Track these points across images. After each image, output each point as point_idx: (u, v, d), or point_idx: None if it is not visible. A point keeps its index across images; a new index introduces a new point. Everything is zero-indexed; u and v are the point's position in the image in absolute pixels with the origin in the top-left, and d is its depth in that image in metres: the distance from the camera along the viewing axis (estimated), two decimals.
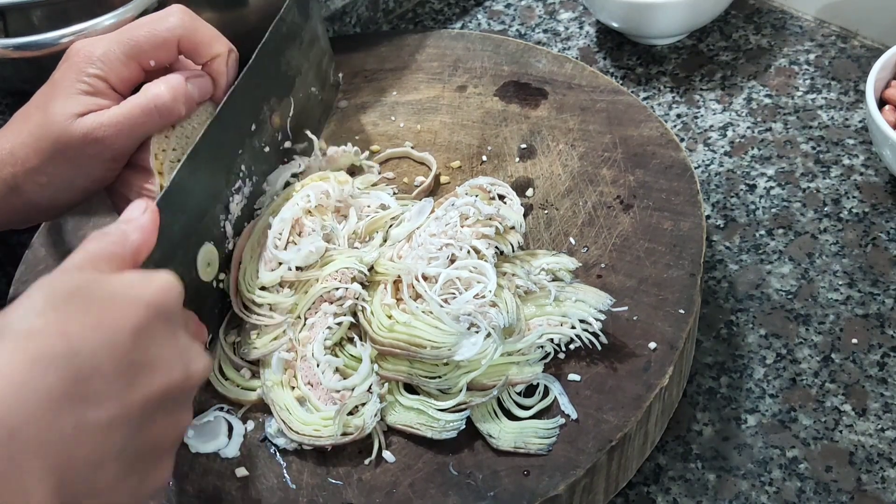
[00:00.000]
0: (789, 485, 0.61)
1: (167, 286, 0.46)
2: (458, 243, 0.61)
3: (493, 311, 0.57)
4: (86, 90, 0.57)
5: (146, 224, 0.50)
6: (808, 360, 0.67)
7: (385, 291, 0.61)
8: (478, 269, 0.60)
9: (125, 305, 0.43)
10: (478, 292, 0.58)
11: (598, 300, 0.60)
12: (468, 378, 0.57)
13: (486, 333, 0.56)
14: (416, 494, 0.55)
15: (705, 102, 0.87)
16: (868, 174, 0.78)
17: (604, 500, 0.59)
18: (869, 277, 0.71)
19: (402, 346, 0.57)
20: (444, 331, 0.57)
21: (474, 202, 0.64)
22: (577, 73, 0.79)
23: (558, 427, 0.56)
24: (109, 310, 0.42)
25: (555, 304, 0.60)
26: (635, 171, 0.70)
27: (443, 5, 1.05)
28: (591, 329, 0.59)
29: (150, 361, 0.43)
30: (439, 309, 0.57)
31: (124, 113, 0.57)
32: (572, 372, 0.59)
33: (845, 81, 0.87)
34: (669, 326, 0.60)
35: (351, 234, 0.65)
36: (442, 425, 0.56)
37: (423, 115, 0.78)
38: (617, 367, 0.58)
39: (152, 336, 0.43)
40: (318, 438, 0.56)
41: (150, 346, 0.43)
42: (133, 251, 0.48)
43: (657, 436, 0.62)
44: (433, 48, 0.85)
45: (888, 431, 0.62)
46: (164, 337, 0.44)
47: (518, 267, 0.62)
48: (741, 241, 0.75)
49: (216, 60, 0.62)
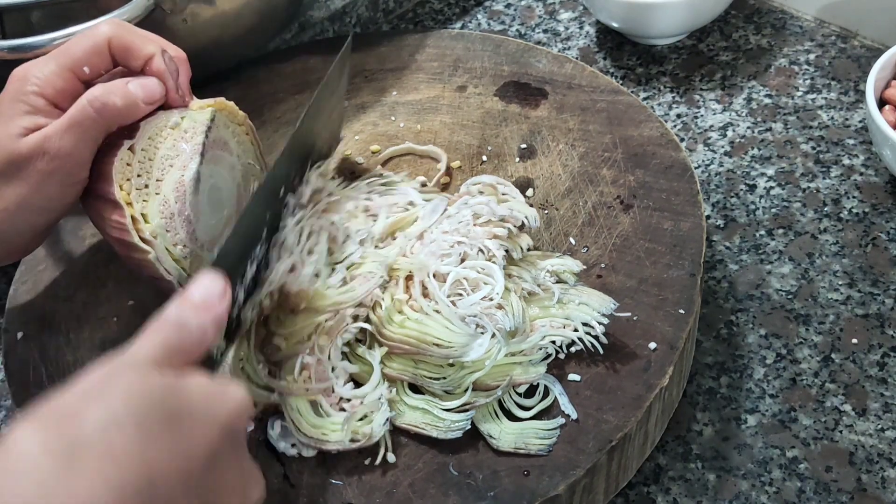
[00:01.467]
0: (789, 485, 0.61)
1: (241, 406, 0.43)
2: (471, 241, 0.61)
3: (500, 314, 0.57)
4: (26, 110, 0.57)
5: (221, 315, 0.45)
6: (808, 360, 0.67)
7: (396, 287, 0.61)
8: (485, 271, 0.60)
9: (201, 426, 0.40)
10: (485, 294, 0.58)
11: (602, 304, 0.60)
12: (472, 378, 0.57)
13: (491, 334, 0.57)
14: (416, 494, 0.55)
15: (705, 102, 0.87)
16: (868, 174, 0.78)
17: (604, 500, 0.59)
18: (869, 277, 0.71)
19: (411, 343, 0.57)
20: (455, 331, 0.57)
21: (488, 202, 0.63)
22: (577, 73, 0.79)
23: (559, 428, 0.56)
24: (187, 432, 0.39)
25: (558, 307, 0.60)
26: (635, 171, 0.70)
27: (443, 5, 1.05)
28: (594, 332, 0.59)
29: (217, 488, 0.40)
30: (449, 310, 0.57)
31: (65, 119, 0.57)
32: (572, 372, 0.59)
33: (845, 81, 0.87)
34: (669, 326, 0.60)
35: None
36: (447, 425, 0.56)
37: (423, 115, 0.78)
38: (617, 368, 0.58)
39: (222, 461, 0.41)
40: (326, 443, 0.56)
41: (218, 472, 0.40)
42: (207, 347, 0.44)
43: (657, 436, 0.62)
44: (433, 48, 0.85)
45: (888, 431, 0.62)
46: (232, 461, 0.42)
47: (525, 270, 0.62)
48: (741, 241, 0.75)
49: (153, 60, 0.60)
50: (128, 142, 0.60)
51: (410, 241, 0.64)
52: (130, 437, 0.36)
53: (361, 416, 0.57)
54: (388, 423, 0.57)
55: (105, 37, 0.59)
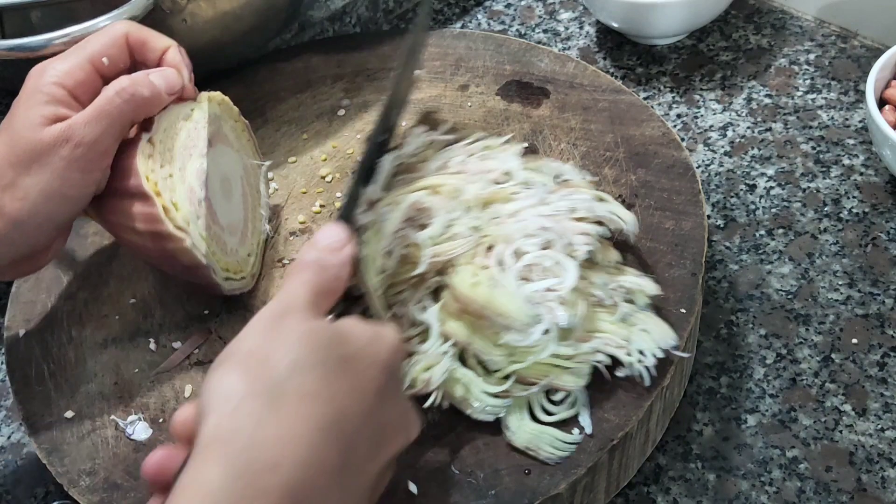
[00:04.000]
0: (789, 485, 0.61)
1: (397, 346, 0.46)
2: (560, 231, 0.60)
3: (560, 309, 0.56)
4: (46, 99, 0.57)
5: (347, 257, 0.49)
6: (808, 360, 0.67)
7: (477, 252, 0.60)
8: (561, 264, 0.58)
9: (368, 366, 0.43)
10: (552, 285, 0.57)
11: (663, 336, 0.58)
12: (514, 368, 0.56)
13: (545, 328, 0.55)
14: (417, 493, 0.55)
15: (705, 102, 0.87)
16: (868, 174, 0.78)
17: (605, 498, 0.59)
18: (869, 277, 0.71)
19: (478, 305, 0.56)
20: (520, 308, 0.55)
21: (590, 200, 0.62)
22: (579, 73, 0.79)
23: (575, 445, 0.55)
24: (359, 371, 0.43)
25: (620, 325, 0.58)
26: (637, 170, 0.70)
27: (443, 5, 1.05)
28: (646, 363, 0.57)
29: (389, 424, 0.43)
30: (516, 286, 0.56)
31: (92, 108, 0.57)
32: None
33: (845, 81, 0.87)
34: (671, 326, 0.60)
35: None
36: (482, 406, 0.56)
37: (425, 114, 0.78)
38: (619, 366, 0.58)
39: (389, 398, 0.44)
40: None
41: (387, 409, 0.43)
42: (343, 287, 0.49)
43: (658, 435, 0.62)
44: (435, 47, 0.85)
45: (888, 431, 0.62)
46: (396, 398, 0.45)
47: (599, 277, 0.60)
48: (741, 241, 0.75)
49: (169, 52, 0.62)
50: (146, 134, 0.61)
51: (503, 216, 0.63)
52: (316, 379, 0.41)
53: (426, 368, 0.57)
54: (446, 373, 0.56)
55: (122, 32, 0.60)
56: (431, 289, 0.60)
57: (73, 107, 0.58)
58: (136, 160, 0.59)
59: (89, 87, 0.59)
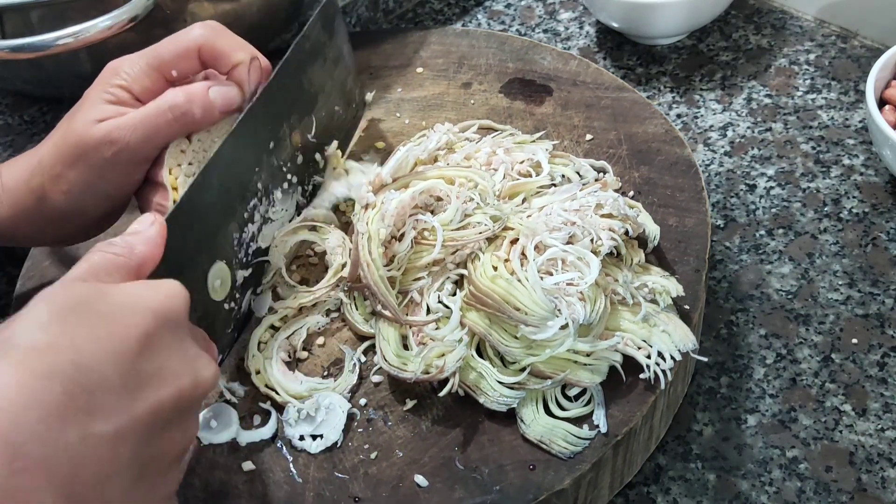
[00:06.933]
0: (789, 485, 0.61)
1: (174, 293, 0.45)
2: (585, 226, 0.60)
3: (579, 305, 0.56)
4: (109, 99, 0.58)
5: (152, 236, 0.49)
6: (808, 360, 0.67)
7: (500, 245, 0.60)
8: (584, 259, 0.58)
9: (131, 315, 0.42)
10: (572, 279, 0.57)
11: (684, 339, 0.58)
12: (531, 360, 0.56)
13: (563, 322, 0.55)
14: (422, 489, 0.55)
15: (705, 102, 0.88)
16: (868, 174, 0.79)
17: (609, 494, 0.59)
18: (869, 277, 0.71)
19: (495, 299, 0.57)
20: (537, 303, 0.56)
21: (617, 197, 0.63)
22: (581, 70, 0.79)
23: (588, 441, 0.55)
24: (115, 320, 0.42)
25: (641, 325, 0.58)
26: (640, 167, 0.70)
27: (443, 5, 1.05)
28: (664, 366, 0.57)
29: (158, 371, 0.42)
30: (536, 280, 0.56)
31: (139, 114, 0.58)
32: None
33: (845, 81, 0.87)
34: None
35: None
36: (496, 396, 0.56)
37: (428, 112, 0.79)
38: (623, 363, 0.58)
39: (159, 345, 0.43)
40: (403, 372, 0.58)
41: (157, 355, 0.42)
42: (138, 263, 0.48)
43: (662, 431, 0.62)
44: (438, 45, 0.85)
45: (888, 431, 0.63)
46: (172, 345, 0.44)
47: (621, 273, 0.60)
48: (741, 241, 0.75)
49: (237, 68, 0.61)
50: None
51: (530, 209, 0.64)
52: (52, 331, 0.40)
53: (440, 355, 0.57)
54: (460, 361, 0.57)
55: (196, 43, 0.60)
56: (453, 280, 0.61)
57: (134, 107, 0.58)
58: (166, 150, 0.59)
59: (155, 94, 0.59)
